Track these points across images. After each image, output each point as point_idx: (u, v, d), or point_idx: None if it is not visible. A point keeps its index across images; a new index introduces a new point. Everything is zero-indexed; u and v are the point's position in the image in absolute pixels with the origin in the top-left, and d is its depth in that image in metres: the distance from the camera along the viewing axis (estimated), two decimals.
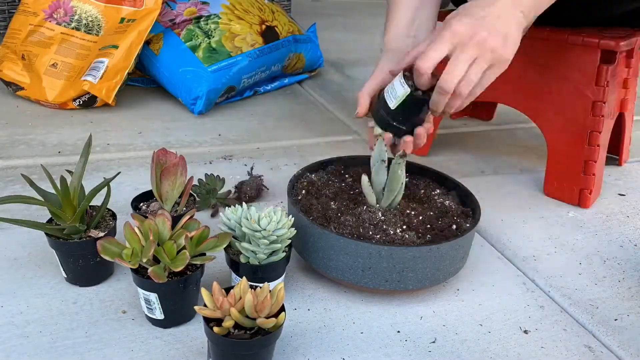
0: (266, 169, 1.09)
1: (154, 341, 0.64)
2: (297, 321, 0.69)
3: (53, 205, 0.70)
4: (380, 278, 0.69)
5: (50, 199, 0.71)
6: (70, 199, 0.70)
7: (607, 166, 1.09)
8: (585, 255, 0.88)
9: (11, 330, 0.65)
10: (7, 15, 1.77)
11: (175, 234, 0.66)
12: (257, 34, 1.45)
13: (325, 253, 0.70)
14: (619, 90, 1.05)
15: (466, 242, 0.73)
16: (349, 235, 0.71)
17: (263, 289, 0.59)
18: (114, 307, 0.69)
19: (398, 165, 0.73)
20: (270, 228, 0.65)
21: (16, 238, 0.81)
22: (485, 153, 1.23)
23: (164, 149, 0.78)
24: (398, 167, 0.73)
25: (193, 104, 1.33)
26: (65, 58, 1.31)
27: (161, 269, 0.63)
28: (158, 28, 1.38)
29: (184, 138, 1.21)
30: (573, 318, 0.74)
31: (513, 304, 0.76)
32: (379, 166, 0.75)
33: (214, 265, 0.77)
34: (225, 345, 0.57)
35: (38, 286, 0.72)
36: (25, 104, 1.32)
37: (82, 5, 1.35)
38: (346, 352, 0.65)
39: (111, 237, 0.66)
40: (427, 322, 0.71)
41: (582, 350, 0.68)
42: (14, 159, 1.06)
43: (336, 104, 1.46)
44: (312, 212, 0.77)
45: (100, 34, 1.34)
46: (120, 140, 1.17)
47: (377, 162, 0.75)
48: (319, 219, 0.75)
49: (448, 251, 0.69)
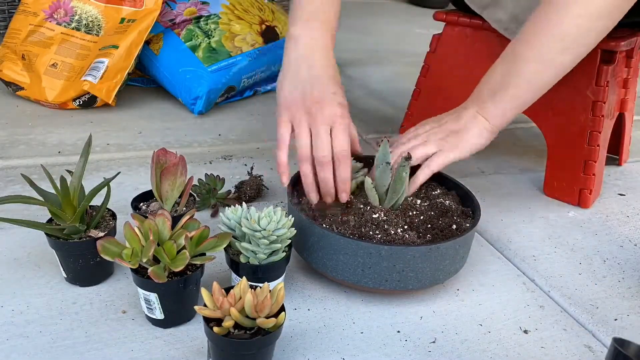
0: (266, 168, 1.09)
1: (154, 341, 0.64)
2: (297, 321, 0.69)
3: (53, 205, 0.70)
4: (380, 278, 0.69)
5: (50, 199, 0.71)
6: (70, 199, 0.70)
7: (607, 166, 1.09)
8: (585, 255, 0.88)
9: (11, 330, 0.65)
10: (7, 15, 1.77)
11: (175, 234, 0.66)
12: (257, 34, 1.45)
13: (325, 253, 0.70)
14: (619, 90, 1.05)
15: (466, 242, 0.73)
16: (350, 235, 0.71)
17: (263, 289, 0.59)
18: (114, 307, 0.69)
19: (403, 168, 0.73)
20: (270, 228, 0.65)
21: (16, 238, 0.81)
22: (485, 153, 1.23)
23: (164, 149, 0.78)
24: (403, 169, 0.73)
25: (193, 104, 1.33)
26: (66, 58, 1.31)
27: (161, 269, 0.63)
28: (158, 28, 1.38)
29: (184, 138, 1.21)
30: (573, 318, 0.74)
31: (513, 304, 0.76)
32: (384, 168, 0.74)
33: (214, 265, 0.77)
34: (225, 345, 0.57)
35: (38, 286, 0.72)
36: (25, 104, 1.32)
37: (83, 6, 1.35)
38: (346, 352, 0.65)
39: (111, 237, 0.66)
40: (427, 322, 0.71)
41: (582, 350, 0.68)
42: (14, 159, 1.06)
43: None
44: (312, 212, 0.77)
45: (101, 34, 1.34)
46: (120, 140, 1.17)
47: (381, 164, 0.75)
48: (319, 218, 0.75)
49: (448, 250, 0.69)
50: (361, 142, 1.24)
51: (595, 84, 0.95)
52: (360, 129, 1.30)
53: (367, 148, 1.22)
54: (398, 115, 1.37)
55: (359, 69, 1.81)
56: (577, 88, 0.97)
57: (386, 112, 1.45)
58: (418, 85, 1.17)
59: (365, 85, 1.66)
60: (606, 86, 0.95)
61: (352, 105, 1.48)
